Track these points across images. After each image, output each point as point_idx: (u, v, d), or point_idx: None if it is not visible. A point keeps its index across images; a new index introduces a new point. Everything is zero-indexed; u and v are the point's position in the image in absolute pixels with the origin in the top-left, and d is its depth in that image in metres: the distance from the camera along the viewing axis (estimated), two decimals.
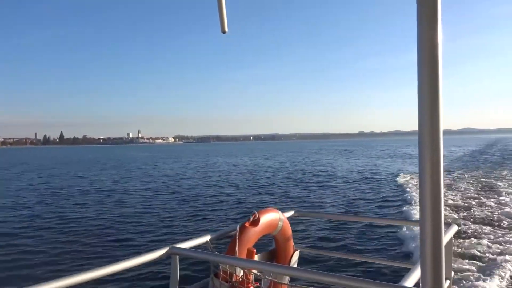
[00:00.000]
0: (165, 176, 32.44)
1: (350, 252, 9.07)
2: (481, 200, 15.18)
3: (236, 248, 2.75)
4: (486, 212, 12.97)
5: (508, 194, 16.69)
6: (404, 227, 9.93)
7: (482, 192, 17.42)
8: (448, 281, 2.72)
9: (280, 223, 3.13)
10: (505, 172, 25.87)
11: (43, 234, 11.91)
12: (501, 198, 15.63)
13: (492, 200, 15.20)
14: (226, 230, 2.99)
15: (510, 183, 20.38)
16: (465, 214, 12.79)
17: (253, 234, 2.89)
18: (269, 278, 2.65)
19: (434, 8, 1.26)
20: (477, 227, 10.81)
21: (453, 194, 17.12)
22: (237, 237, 2.79)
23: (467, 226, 10.89)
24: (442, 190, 1.35)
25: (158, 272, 7.72)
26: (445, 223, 3.00)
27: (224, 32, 1.85)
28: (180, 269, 2.53)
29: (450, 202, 15.06)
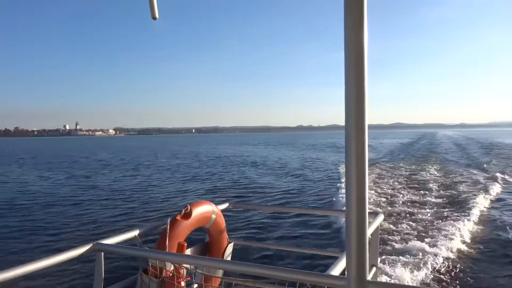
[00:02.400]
0: (96, 170, 31.05)
1: (284, 243, 9.29)
2: (408, 190, 16.16)
3: (167, 242, 2.67)
4: (412, 201, 13.83)
5: (433, 183, 18.02)
6: (339, 217, 10.32)
7: (410, 182, 18.56)
8: (374, 268, 2.83)
9: (213, 215, 3.09)
10: (431, 163, 27.93)
11: None
12: (426, 187, 16.79)
13: (418, 189, 16.26)
14: (156, 224, 2.90)
15: (435, 173, 21.97)
16: (392, 203, 13.51)
17: (185, 227, 2.83)
18: (202, 272, 2.61)
19: (360, 11, 1.30)
20: (404, 215, 11.50)
21: (383, 184, 18.09)
22: (168, 231, 2.71)
23: (394, 215, 11.54)
24: (367, 181, 1.39)
25: (82, 270, 7.29)
26: (372, 212, 3.14)
27: (154, 18, 1.80)
28: (107, 267, 2.41)
29: (379, 191, 15.89)
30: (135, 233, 2.63)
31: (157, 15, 1.77)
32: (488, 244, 8.82)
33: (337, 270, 1.81)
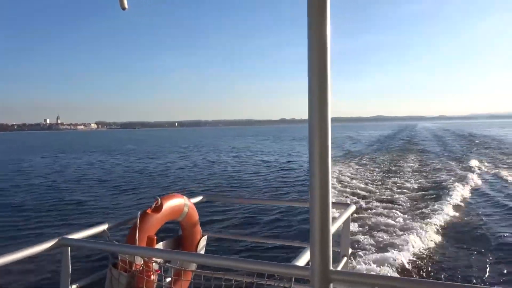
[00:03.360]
0: (68, 165, 30.41)
1: (258, 234, 9.41)
2: (387, 181, 16.44)
3: (137, 236, 2.65)
4: (390, 191, 14.08)
5: (412, 173, 18.42)
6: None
7: (389, 173, 18.88)
8: (345, 258, 2.86)
9: (185, 208, 3.07)
10: (410, 154, 28.45)
11: None
12: (405, 178, 17.13)
13: (397, 180, 16.53)
14: (126, 218, 2.86)
15: (414, 164, 22.39)
16: (371, 194, 13.75)
17: (156, 221, 2.80)
18: (174, 266, 2.60)
19: (323, 6, 1.30)
20: (381, 206, 11.67)
21: (363, 175, 18.36)
22: (138, 224, 2.69)
23: (371, 206, 11.70)
24: (330, 173, 1.40)
25: (49, 266, 7.08)
26: (343, 203, 3.16)
27: (124, 8, 1.77)
28: (75, 262, 2.38)
29: (359, 183, 16.11)
30: (103, 227, 2.60)
31: (126, 6, 1.75)
32: (464, 233, 9.05)
33: (302, 260, 1.82)
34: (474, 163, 21.49)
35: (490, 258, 7.39)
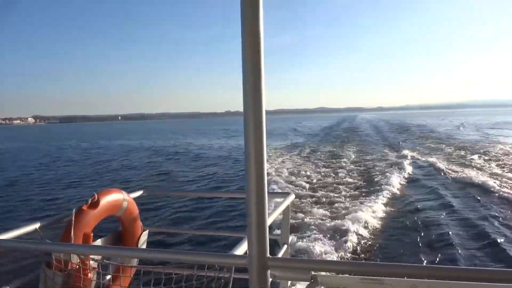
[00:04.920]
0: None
1: (198, 227, 9.51)
2: (327, 170, 17.06)
3: (72, 233, 2.55)
4: (330, 180, 14.62)
5: (350, 162, 19.24)
6: None
7: (329, 163, 19.56)
8: (285, 246, 2.94)
9: (124, 203, 2.99)
10: (349, 144, 29.72)
11: None
12: (344, 167, 17.86)
13: (336, 169, 17.22)
14: (60, 216, 2.74)
15: (352, 154, 23.38)
16: (311, 183, 14.21)
17: (92, 217, 2.71)
18: (113, 262, 2.54)
19: (256, 3, 1.32)
20: (322, 195, 12.07)
21: (304, 166, 18.88)
22: (73, 221, 2.59)
23: (312, 195, 12.10)
24: (265, 164, 1.42)
25: None
26: (282, 193, 3.24)
27: None
28: (5, 265, 2.25)
29: (301, 172, 16.60)
30: (35, 226, 2.47)
31: None
32: (399, 217, 9.66)
33: (241, 250, 1.85)
34: (407, 151, 22.92)
35: (423, 238, 7.99)
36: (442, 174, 15.34)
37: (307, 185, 13.94)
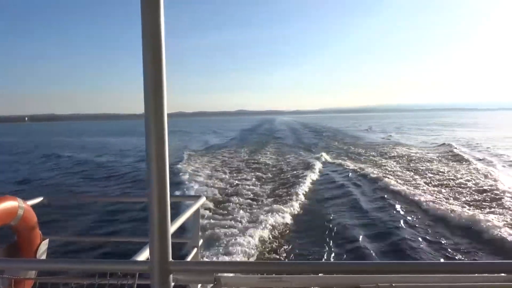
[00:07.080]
0: None
1: (101, 234, 9.30)
2: (243, 172, 17.30)
3: None
4: (245, 182, 14.80)
5: (267, 164, 19.71)
6: None
7: (246, 165, 19.84)
8: (195, 249, 2.95)
9: (20, 211, 2.79)
10: (268, 146, 30.37)
11: None
12: (262, 169, 18.26)
13: (253, 172, 17.50)
14: None
15: (270, 156, 23.97)
16: (228, 186, 14.29)
17: None
18: (8, 276, 2.36)
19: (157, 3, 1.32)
20: (238, 197, 12.18)
21: (222, 169, 18.94)
22: None
23: (228, 198, 12.13)
24: (167, 167, 1.42)
25: None
26: (193, 196, 3.26)
27: None
28: None
29: (213, 174, 16.75)
30: None
31: None
32: (310, 217, 10.13)
33: (144, 255, 1.82)
34: (321, 152, 24.15)
35: (332, 236, 8.44)
36: (350, 174, 16.30)
37: (222, 188, 13.94)
